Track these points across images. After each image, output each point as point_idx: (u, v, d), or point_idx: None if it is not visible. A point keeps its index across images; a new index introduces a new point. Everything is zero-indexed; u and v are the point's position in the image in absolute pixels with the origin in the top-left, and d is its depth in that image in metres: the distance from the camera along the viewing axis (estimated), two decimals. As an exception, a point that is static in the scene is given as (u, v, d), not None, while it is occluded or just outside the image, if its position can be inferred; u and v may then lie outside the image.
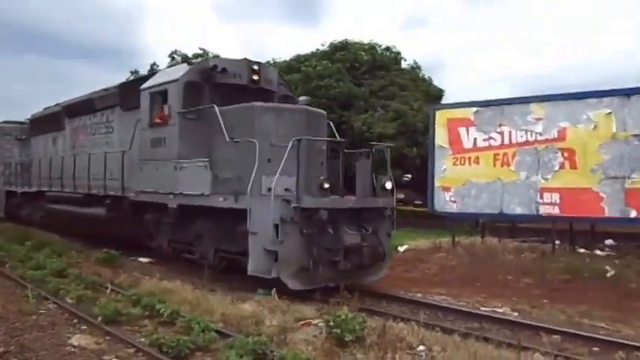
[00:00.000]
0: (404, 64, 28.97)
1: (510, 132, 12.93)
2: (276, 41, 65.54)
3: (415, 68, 29.10)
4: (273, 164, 8.64)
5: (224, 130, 9.19)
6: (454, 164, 13.73)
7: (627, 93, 11.57)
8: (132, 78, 26.52)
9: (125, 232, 12.67)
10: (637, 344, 6.60)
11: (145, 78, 12.80)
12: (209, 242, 10.00)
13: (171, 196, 10.39)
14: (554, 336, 7.04)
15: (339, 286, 8.38)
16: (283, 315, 6.94)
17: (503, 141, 13.06)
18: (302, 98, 10.72)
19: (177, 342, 5.72)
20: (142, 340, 6.25)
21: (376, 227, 9.35)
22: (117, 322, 6.90)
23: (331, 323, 5.87)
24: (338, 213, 8.77)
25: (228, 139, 9.13)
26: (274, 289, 8.36)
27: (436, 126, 14.14)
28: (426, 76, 29.00)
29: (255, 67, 10.85)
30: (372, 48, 28.14)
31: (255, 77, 10.79)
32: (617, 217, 11.63)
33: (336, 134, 11.25)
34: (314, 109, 10.46)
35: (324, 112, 10.70)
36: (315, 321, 6.62)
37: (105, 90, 13.98)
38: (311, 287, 8.47)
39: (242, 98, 9.96)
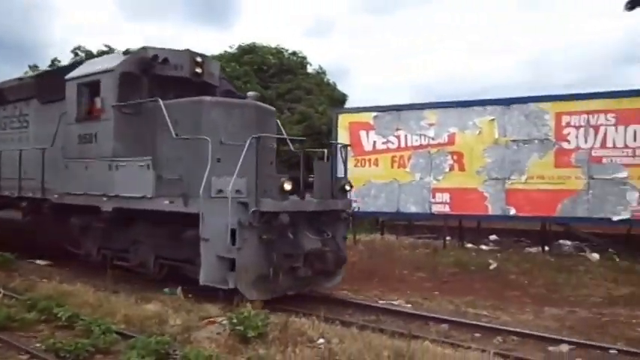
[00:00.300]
0: (309, 69, 29.70)
1: (406, 136, 13.78)
2: (185, 42, 63.76)
3: (320, 73, 29.94)
4: (223, 164, 8.11)
5: (170, 126, 8.38)
6: (355, 166, 14.33)
7: (508, 102, 12.80)
8: (30, 73, 24.76)
9: (46, 238, 11.46)
10: (512, 329, 7.32)
11: (69, 68, 11.42)
12: (148, 249, 9.22)
13: (104, 199, 9.39)
14: (443, 325, 7.61)
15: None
16: (188, 314, 6.98)
17: (399, 144, 13.88)
18: (251, 93, 9.92)
19: (75, 345, 5.58)
20: (38, 345, 6.04)
21: (333, 231, 8.90)
22: (9, 329, 6.58)
23: (234, 320, 6.01)
24: (297, 216, 8.22)
25: (175, 136, 8.35)
26: (180, 288, 8.26)
27: (339, 129, 14.72)
28: (330, 81, 29.91)
29: (199, 59, 10.06)
30: (279, 52, 28.56)
31: (199, 70, 10.00)
32: (499, 214, 12.82)
33: (284, 131, 10.85)
34: (264, 105, 9.83)
35: (274, 109, 10.18)
36: (220, 319, 6.72)
37: (19, 80, 12.64)
38: (270, 297, 7.82)
39: (184, 92, 9.23)
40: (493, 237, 15.09)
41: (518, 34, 58.94)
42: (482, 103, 13.11)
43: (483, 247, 13.96)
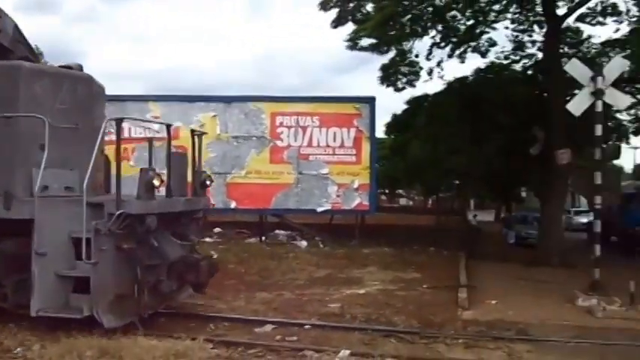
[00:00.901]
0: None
1: (130, 128, 13.38)
2: None
3: (37, 54, 26.88)
4: (49, 152, 6.21)
5: None
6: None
7: (229, 100, 13.56)
8: None
9: None
10: (224, 315, 7.75)
11: None
12: None
13: None
14: (161, 319, 7.70)
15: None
16: None
17: (123, 136, 13.41)
18: (73, 64, 7.69)
19: None
20: None
21: (190, 233, 7.63)
22: None
23: None
24: (159, 218, 6.55)
25: None
26: None
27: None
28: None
29: None
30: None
31: None
32: (222, 207, 13.49)
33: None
34: (97, 80, 7.74)
35: (104, 87, 8.12)
36: None
37: None
38: (133, 319, 6.33)
39: None
40: (217, 229, 15.76)
41: (251, 36, 62.37)
42: (206, 99, 13.63)
43: (208, 239, 14.43)
